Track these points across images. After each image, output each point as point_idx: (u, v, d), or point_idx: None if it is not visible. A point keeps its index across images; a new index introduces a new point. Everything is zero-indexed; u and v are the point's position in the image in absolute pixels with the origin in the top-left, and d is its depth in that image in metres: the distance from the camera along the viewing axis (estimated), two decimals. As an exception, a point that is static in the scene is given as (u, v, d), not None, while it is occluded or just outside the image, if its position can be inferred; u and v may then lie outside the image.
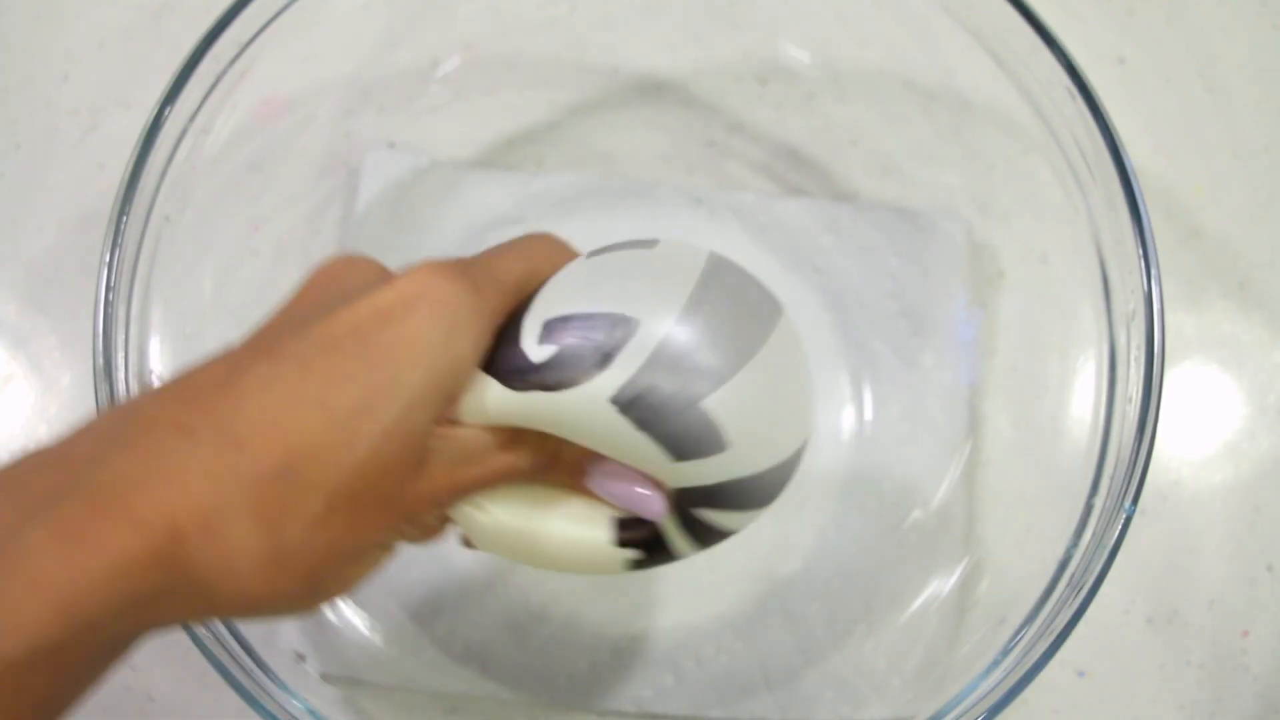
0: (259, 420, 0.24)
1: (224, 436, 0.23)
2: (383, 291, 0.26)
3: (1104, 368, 0.39)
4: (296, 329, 0.26)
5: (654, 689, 0.42)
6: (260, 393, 0.24)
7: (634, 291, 0.27)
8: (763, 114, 0.48)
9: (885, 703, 0.41)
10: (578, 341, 0.27)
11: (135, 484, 0.23)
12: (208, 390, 0.24)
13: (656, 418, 0.27)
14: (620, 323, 0.27)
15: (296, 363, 0.25)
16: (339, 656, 0.41)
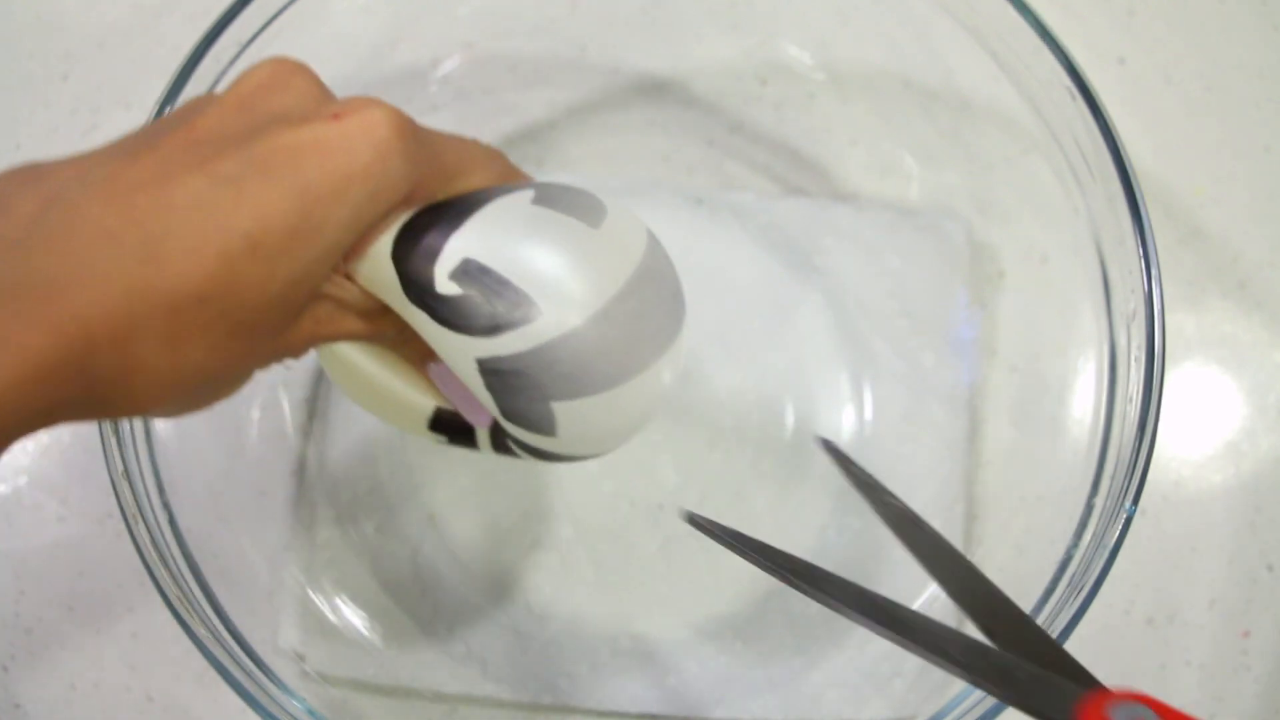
0: (185, 242, 0.24)
1: (149, 252, 0.23)
2: (327, 125, 0.25)
3: (1104, 368, 0.39)
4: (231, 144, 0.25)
5: (655, 689, 0.42)
6: (190, 211, 0.24)
7: (557, 276, 0.27)
8: (763, 114, 0.48)
9: (887, 703, 0.41)
10: (479, 300, 0.27)
11: (58, 288, 0.23)
12: (136, 191, 0.24)
13: (507, 392, 0.27)
14: (526, 305, 0.27)
15: (231, 187, 0.24)
16: (338, 657, 0.41)
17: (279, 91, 0.27)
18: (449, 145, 0.29)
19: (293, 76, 0.27)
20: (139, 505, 0.36)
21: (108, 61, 0.49)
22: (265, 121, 0.26)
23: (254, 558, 0.43)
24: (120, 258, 0.23)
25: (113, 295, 0.23)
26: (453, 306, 0.27)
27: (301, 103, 0.27)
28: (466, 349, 0.27)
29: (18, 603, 0.43)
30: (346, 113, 0.26)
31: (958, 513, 0.43)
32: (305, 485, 0.44)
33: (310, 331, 0.28)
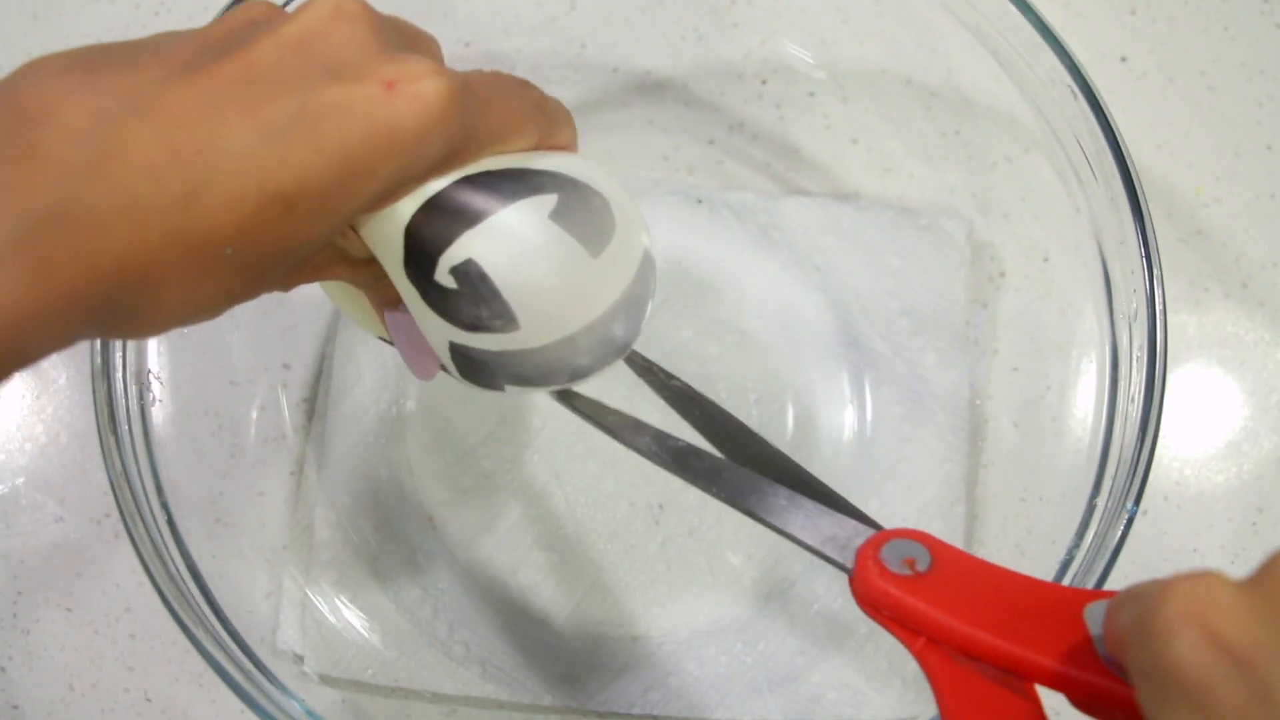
0: (226, 194, 0.24)
1: (190, 197, 0.24)
2: (381, 96, 0.25)
3: (1106, 367, 0.39)
4: (284, 89, 0.25)
5: (655, 690, 0.42)
6: (236, 162, 0.24)
7: (544, 301, 0.28)
8: (763, 113, 0.48)
9: (887, 704, 0.41)
10: (468, 301, 0.28)
11: (101, 224, 0.23)
12: (185, 124, 0.24)
13: (468, 367, 0.29)
14: (507, 319, 0.28)
15: (278, 143, 0.24)
16: (337, 658, 0.41)
17: (338, 36, 0.26)
18: (495, 110, 0.28)
19: (354, 23, 0.26)
20: (137, 506, 0.36)
21: (106, 60, 0.49)
22: (320, 71, 0.25)
23: (253, 558, 0.42)
24: (162, 199, 0.23)
25: (150, 239, 0.24)
26: (443, 296, 0.28)
27: (359, 55, 0.26)
28: (443, 330, 0.28)
29: (16, 603, 0.43)
30: (401, 81, 0.25)
31: (959, 513, 0.43)
32: (304, 486, 0.44)
33: (306, 275, 0.29)
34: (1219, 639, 0.21)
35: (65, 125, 0.23)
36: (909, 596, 0.28)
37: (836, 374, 0.45)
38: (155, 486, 0.37)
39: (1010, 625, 0.26)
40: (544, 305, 0.28)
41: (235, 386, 0.44)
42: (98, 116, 0.23)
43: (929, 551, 0.29)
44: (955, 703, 0.26)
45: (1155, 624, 0.21)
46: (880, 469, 0.44)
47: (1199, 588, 0.22)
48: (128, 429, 0.37)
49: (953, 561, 0.28)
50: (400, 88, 0.25)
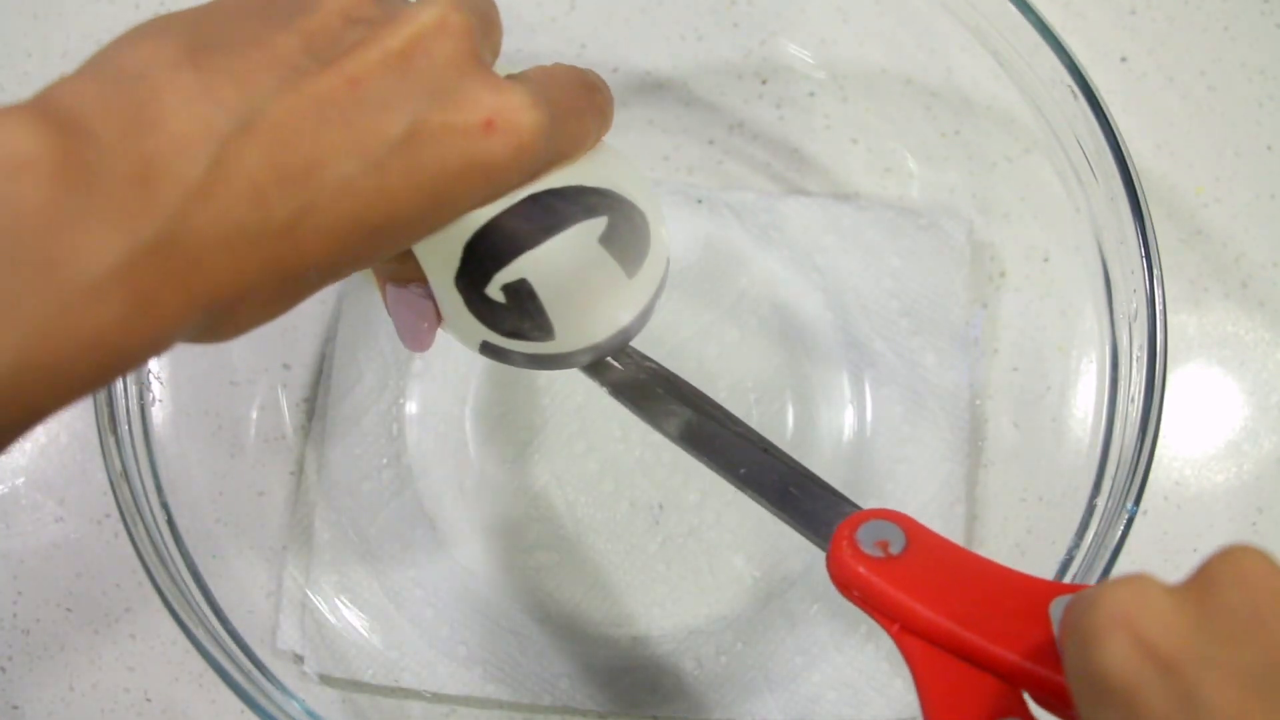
0: (322, 225, 0.24)
1: (289, 227, 0.24)
2: (480, 137, 0.25)
3: (1106, 368, 0.39)
4: (387, 111, 0.25)
5: (654, 691, 0.42)
6: (335, 192, 0.24)
7: (581, 318, 0.30)
8: (763, 113, 0.48)
9: (887, 704, 0.41)
10: (514, 314, 0.29)
11: (206, 254, 0.23)
12: (293, 144, 0.24)
13: (490, 353, 0.30)
14: (546, 331, 0.29)
15: (376, 174, 0.24)
16: (337, 658, 0.41)
17: (441, 54, 0.26)
18: (569, 131, 0.29)
19: (457, 38, 0.26)
20: (137, 506, 0.36)
21: (106, 60, 0.49)
22: (421, 94, 0.25)
23: (253, 558, 0.42)
24: (264, 227, 0.23)
25: (249, 268, 0.23)
26: (489, 307, 0.29)
27: (459, 78, 0.26)
28: (478, 332, 0.29)
29: (16, 603, 0.43)
30: (499, 119, 0.25)
31: (959, 513, 0.43)
32: (304, 485, 0.44)
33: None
34: (1146, 644, 0.21)
35: (177, 137, 0.22)
36: (877, 578, 0.28)
37: (836, 374, 0.45)
38: (155, 486, 0.37)
39: (975, 614, 0.26)
40: (580, 320, 0.29)
41: (235, 386, 0.44)
42: (208, 130, 0.23)
43: (904, 534, 0.28)
44: (933, 689, 0.26)
45: (1086, 627, 0.22)
46: (880, 469, 0.44)
47: (1130, 592, 0.22)
48: (128, 429, 0.37)
49: (927, 545, 0.28)
50: (498, 125, 0.25)
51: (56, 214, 0.21)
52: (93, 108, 0.22)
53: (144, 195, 0.22)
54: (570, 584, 0.43)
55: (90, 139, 0.22)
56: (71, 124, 0.22)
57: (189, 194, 0.22)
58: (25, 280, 0.21)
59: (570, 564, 0.44)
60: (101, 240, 0.21)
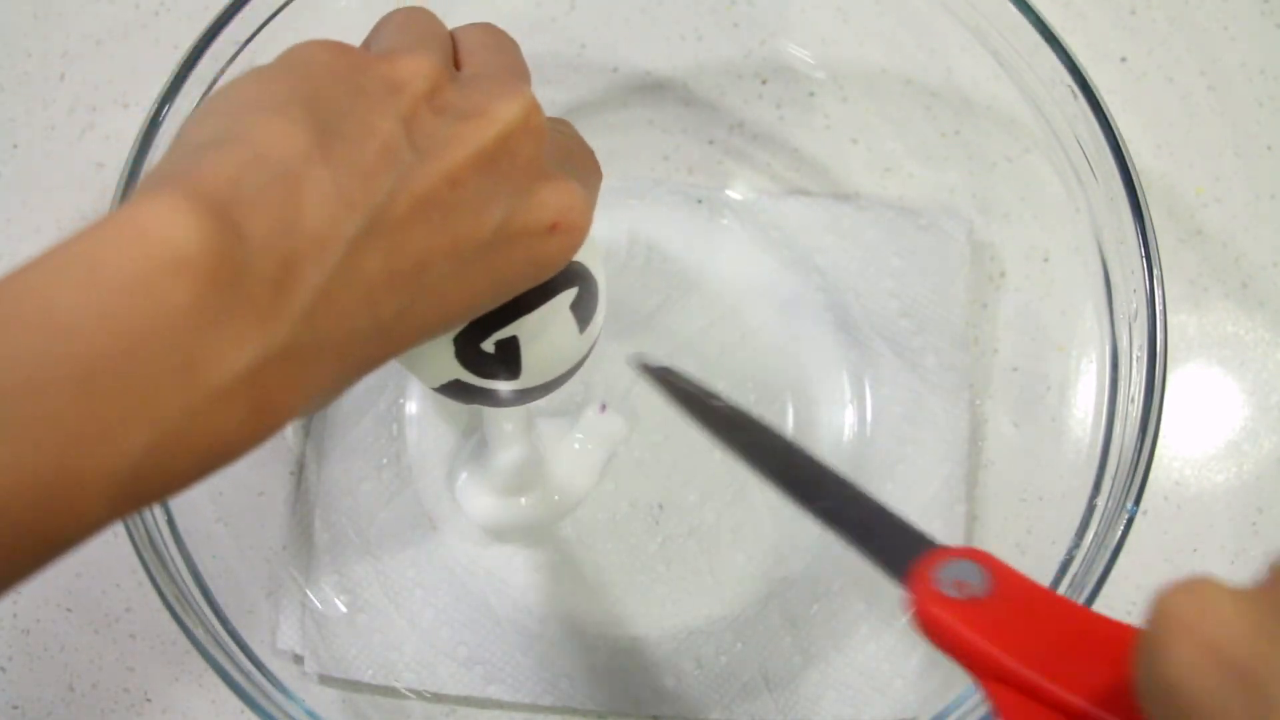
0: (413, 325, 0.25)
1: (392, 323, 0.24)
2: (546, 238, 0.27)
3: (1106, 368, 0.39)
4: (477, 215, 0.25)
5: (654, 691, 0.42)
6: (430, 294, 0.25)
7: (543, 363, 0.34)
8: (763, 113, 0.48)
9: (887, 704, 0.41)
10: (496, 364, 0.33)
11: (320, 361, 0.23)
12: (402, 249, 0.24)
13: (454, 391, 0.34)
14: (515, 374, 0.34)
15: (463, 272, 0.26)
16: (337, 658, 0.41)
17: (523, 154, 0.27)
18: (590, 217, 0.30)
19: (535, 138, 0.27)
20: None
21: (105, 60, 0.49)
22: (504, 193, 0.26)
23: (253, 558, 0.42)
24: (371, 329, 0.24)
25: (350, 368, 0.24)
26: (477, 357, 0.32)
27: (534, 177, 0.27)
28: (453, 373, 0.33)
29: (15, 603, 0.43)
30: (563, 221, 0.27)
31: (959, 513, 0.43)
32: (304, 485, 0.44)
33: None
34: (1214, 649, 0.19)
35: (314, 240, 0.22)
36: (960, 624, 0.26)
37: (836, 374, 0.45)
38: (155, 486, 0.37)
39: (1063, 662, 0.24)
40: (541, 365, 0.34)
41: (235, 386, 0.44)
42: (339, 233, 0.23)
43: (986, 574, 0.27)
44: None
45: (1149, 638, 0.20)
46: (880, 469, 0.44)
47: (1194, 598, 0.20)
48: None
49: (1010, 586, 0.26)
50: (561, 227, 0.27)
51: (203, 316, 0.21)
52: (241, 200, 0.22)
53: (279, 299, 0.22)
54: (570, 584, 0.43)
55: (241, 238, 0.21)
56: (225, 218, 0.21)
57: (316, 298, 0.22)
58: (163, 381, 0.20)
59: (570, 564, 0.44)
60: (239, 344, 0.21)
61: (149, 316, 0.20)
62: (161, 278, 0.20)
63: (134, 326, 0.20)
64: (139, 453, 0.20)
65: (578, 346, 0.35)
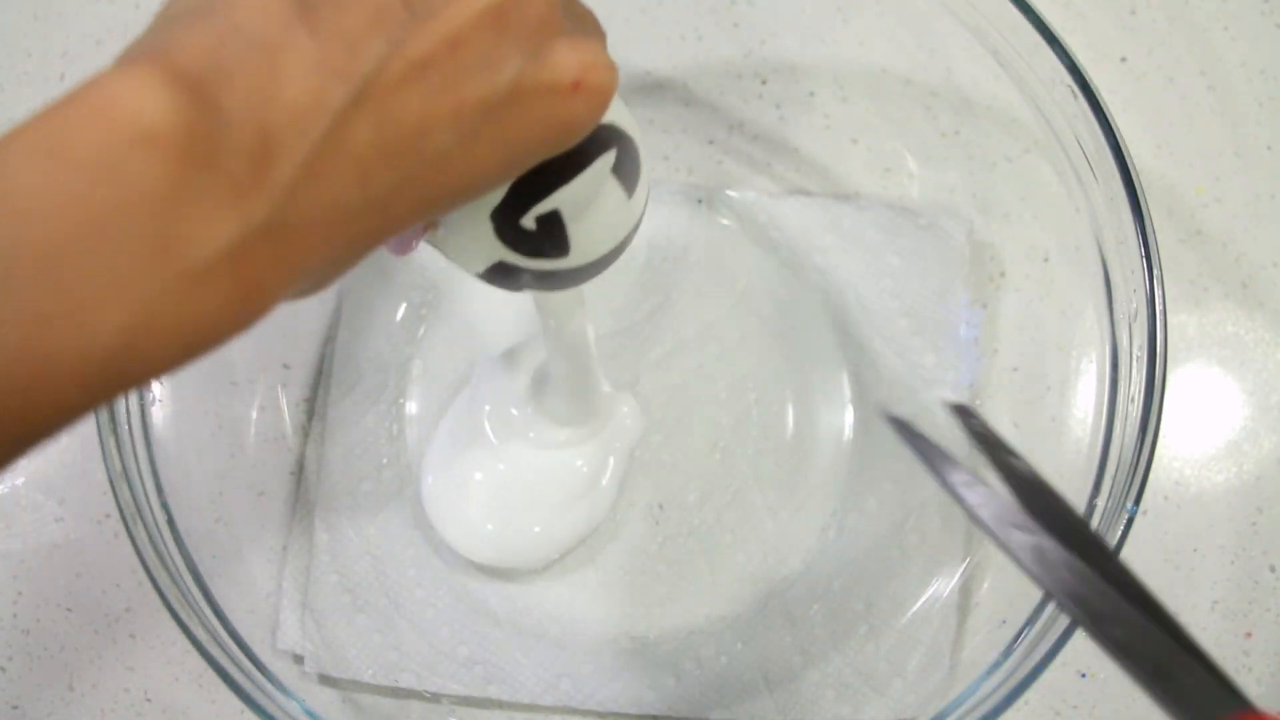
0: (413, 198, 0.24)
1: (388, 198, 0.23)
2: (566, 98, 0.25)
3: (1106, 368, 0.39)
4: (482, 77, 0.24)
5: (655, 690, 0.42)
6: (431, 166, 0.23)
7: (593, 237, 0.32)
8: (763, 113, 0.48)
9: (886, 704, 0.41)
10: (540, 239, 0.31)
11: (309, 238, 0.22)
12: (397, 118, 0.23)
13: (499, 275, 0.32)
14: (563, 251, 0.31)
15: (468, 142, 0.24)
16: (337, 658, 0.41)
17: (534, 11, 0.24)
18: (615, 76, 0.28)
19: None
20: (137, 506, 0.36)
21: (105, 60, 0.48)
22: (513, 53, 0.24)
23: (253, 558, 0.42)
24: (365, 205, 0.23)
25: (342, 244, 0.23)
26: (518, 234, 0.30)
27: (546, 34, 0.25)
28: (497, 252, 0.31)
29: (16, 603, 0.43)
30: (585, 80, 0.25)
31: (958, 513, 0.43)
32: (304, 485, 0.44)
33: None
34: None
35: (295, 111, 0.21)
36: None
37: (836, 374, 0.45)
38: (155, 486, 0.37)
39: None
40: (591, 239, 0.32)
41: (235, 386, 0.44)
42: (322, 102, 0.21)
43: None
44: None
45: None
46: (880, 468, 0.44)
47: None
48: (128, 429, 0.37)
49: None
50: (584, 85, 0.25)
51: (177, 191, 0.20)
52: (217, 72, 0.21)
53: (259, 174, 0.21)
54: (570, 584, 0.43)
55: (216, 111, 0.20)
56: (199, 90, 0.20)
57: (300, 173, 0.21)
58: (137, 260, 0.20)
59: (570, 564, 0.44)
60: (216, 222, 0.20)
61: (117, 196, 0.19)
62: (129, 154, 0.19)
63: (101, 207, 0.19)
64: (113, 336, 0.20)
65: (627, 214, 0.32)
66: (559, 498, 0.43)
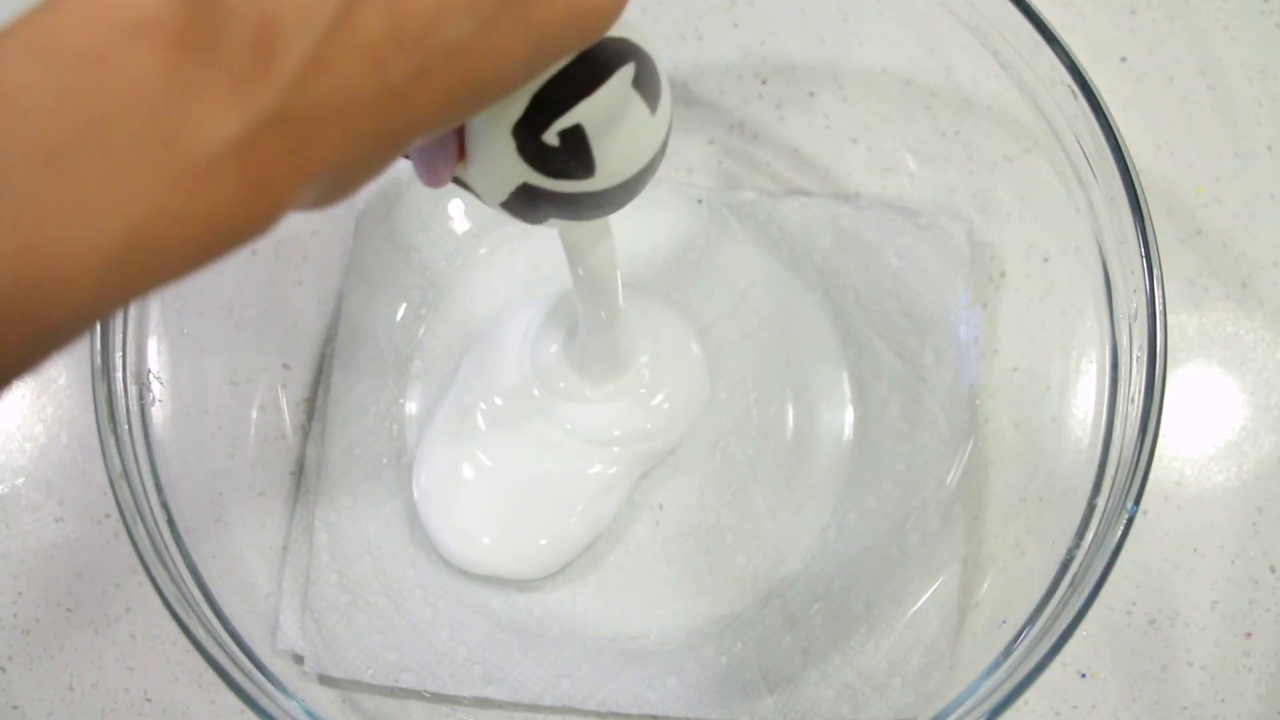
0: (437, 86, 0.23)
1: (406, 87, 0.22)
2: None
3: (1106, 368, 0.39)
4: None
5: (655, 690, 0.42)
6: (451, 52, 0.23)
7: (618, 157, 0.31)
8: (763, 113, 0.48)
9: (886, 704, 0.41)
10: (564, 157, 0.30)
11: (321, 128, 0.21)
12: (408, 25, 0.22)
13: (522, 200, 0.31)
14: (588, 171, 0.30)
15: (488, 28, 0.23)
16: (337, 658, 0.41)
17: None
18: None
19: None
20: (137, 506, 0.36)
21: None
22: None
23: (252, 558, 0.42)
24: (379, 94, 0.22)
25: (362, 140, 0.22)
26: (540, 151, 0.29)
27: None
28: (520, 174, 0.30)
29: (16, 603, 0.43)
30: None
31: (958, 513, 0.43)
32: (304, 486, 0.44)
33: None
34: None
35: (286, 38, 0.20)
36: None
37: (836, 374, 0.45)
38: (155, 486, 0.37)
39: None
40: (617, 158, 0.31)
41: (235, 386, 0.44)
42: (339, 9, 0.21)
43: None
44: None
45: None
46: (880, 468, 0.44)
47: None
48: (128, 429, 0.37)
49: None
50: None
51: (176, 83, 0.19)
52: None
53: (263, 63, 0.20)
54: (571, 584, 0.43)
55: (213, 1, 0.20)
56: None
57: (308, 62, 0.21)
58: (139, 155, 0.19)
59: (571, 564, 0.44)
60: (220, 114, 0.20)
61: (114, 89, 0.19)
62: (125, 46, 0.19)
63: (98, 101, 0.19)
64: (120, 233, 0.19)
65: (653, 130, 0.32)
66: (563, 508, 0.43)
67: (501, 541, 0.42)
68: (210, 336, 0.42)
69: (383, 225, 0.47)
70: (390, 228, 0.47)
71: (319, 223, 0.46)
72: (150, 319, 0.39)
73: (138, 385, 0.38)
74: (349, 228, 0.47)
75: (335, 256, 0.47)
